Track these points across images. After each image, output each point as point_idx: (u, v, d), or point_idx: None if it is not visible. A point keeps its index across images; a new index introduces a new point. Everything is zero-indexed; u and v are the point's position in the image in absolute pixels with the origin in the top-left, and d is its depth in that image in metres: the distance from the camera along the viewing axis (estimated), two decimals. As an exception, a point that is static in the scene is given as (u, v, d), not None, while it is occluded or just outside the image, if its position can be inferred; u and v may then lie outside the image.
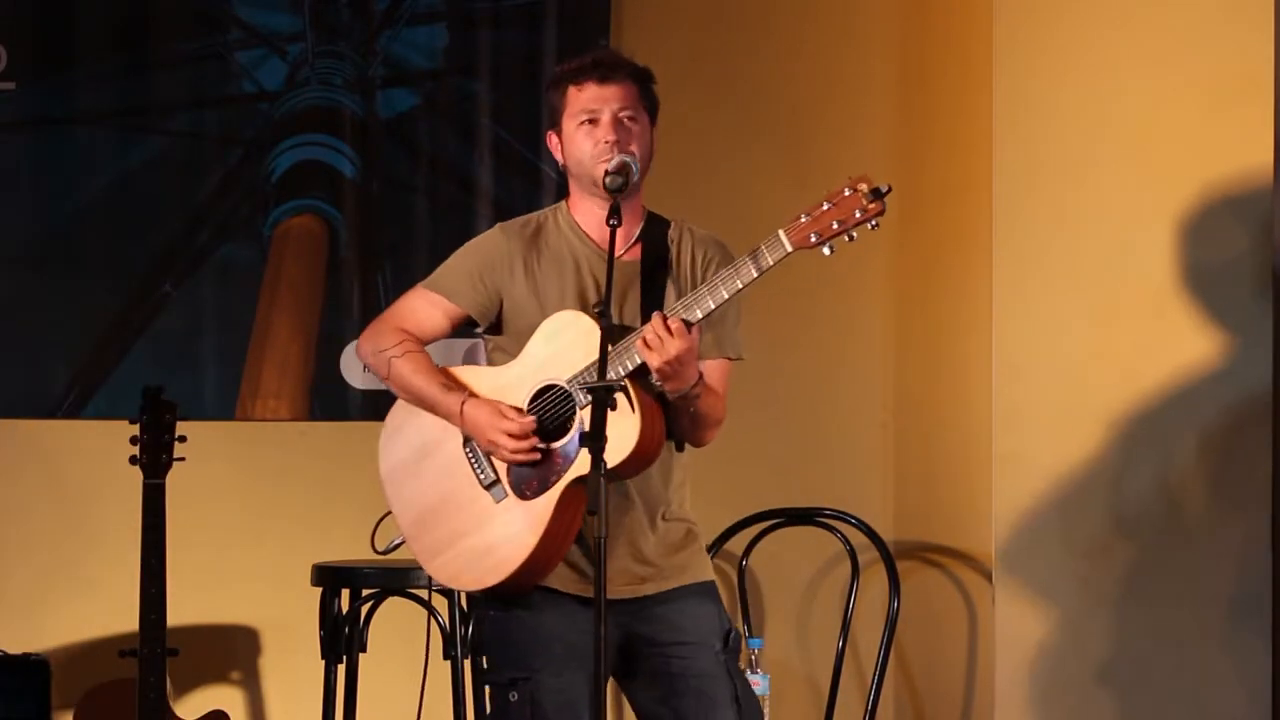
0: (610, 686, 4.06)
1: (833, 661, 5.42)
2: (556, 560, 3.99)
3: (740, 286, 3.85)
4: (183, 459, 5.31)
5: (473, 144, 5.96)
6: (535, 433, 3.96)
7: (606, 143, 4.01)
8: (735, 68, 5.92)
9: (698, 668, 4.03)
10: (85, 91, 5.94)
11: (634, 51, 5.62)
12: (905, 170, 5.81)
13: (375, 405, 5.93)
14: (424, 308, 4.17)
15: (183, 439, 5.32)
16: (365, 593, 5.39)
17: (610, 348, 3.86)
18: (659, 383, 3.90)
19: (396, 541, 4.18)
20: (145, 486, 5.27)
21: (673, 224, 4.12)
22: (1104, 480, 5.23)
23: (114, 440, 5.39)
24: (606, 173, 3.97)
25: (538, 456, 3.95)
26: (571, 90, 4.06)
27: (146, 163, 5.95)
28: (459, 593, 5.34)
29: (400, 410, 4.17)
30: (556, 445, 3.95)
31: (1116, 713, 5.21)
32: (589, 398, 3.85)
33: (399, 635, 5.58)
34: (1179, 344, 5.19)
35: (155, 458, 5.28)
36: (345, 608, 5.39)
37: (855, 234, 3.79)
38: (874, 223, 3.78)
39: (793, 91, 5.91)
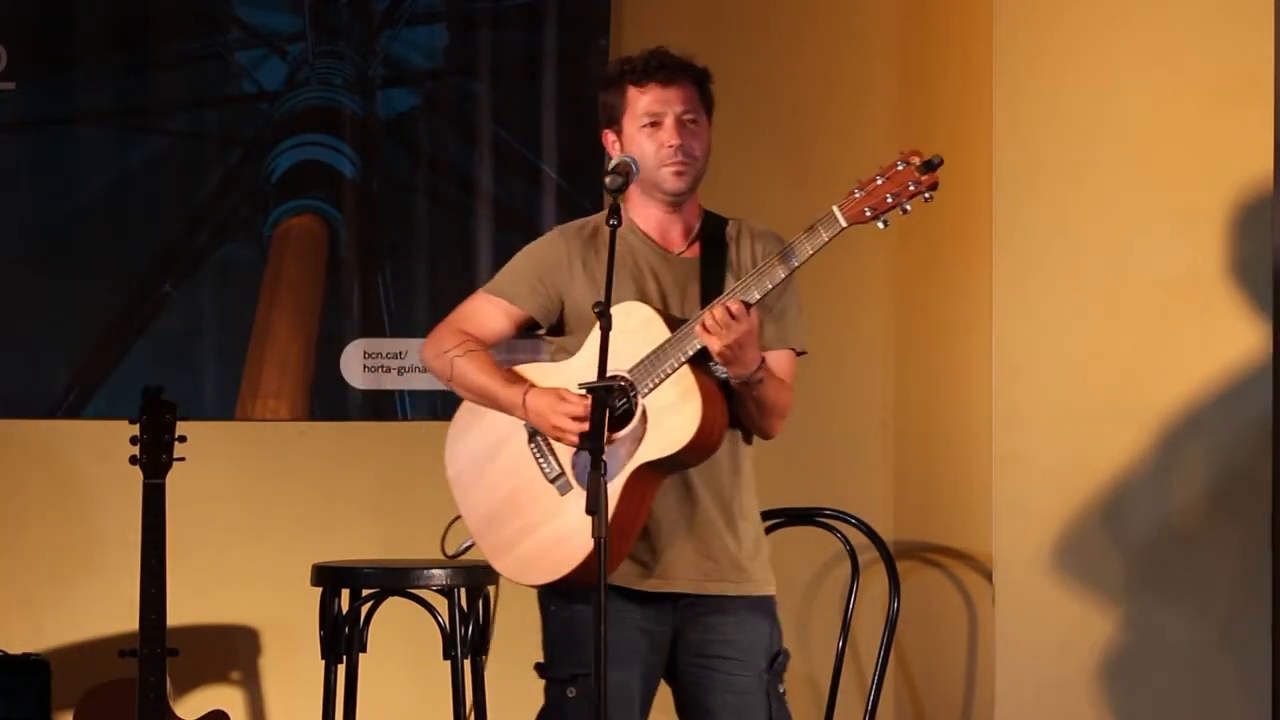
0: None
1: (833, 661, 5.42)
2: (625, 549, 3.98)
3: (796, 264, 3.87)
4: (183, 459, 5.31)
5: (473, 144, 5.96)
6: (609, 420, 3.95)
7: (670, 146, 4.05)
8: (735, 67, 5.90)
9: (740, 684, 4.05)
10: (85, 91, 5.94)
11: (633, 52, 5.64)
12: (905, 170, 5.80)
13: (375, 405, 5.94)
14: (485, 310, 4.20)
15: (183, 439, 5.32)
16: (365, 593, 5.39)
17: (676, 333, 3.91)
18: (721, 368, 3.92)
19: (467, 544, 4.23)
20: (145, 486, 5.27)
21: (731, 221, 4.16)
22: (1104, 480, 5.23)
23: (114, 440, 5.39)
24: (606, 173, 3.98)
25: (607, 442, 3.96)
26: (632, 91, 4.08)
27: (146, 163, 5.95)
28: (459, 592, 5.34)
29: (464, 413, 4.20)
30: (618, 435, 3.96)
31: (1116, 713, 5.21)
32: (654, 384, 3.91)
33: (399, 635, 5.59)
34: (1179, 344, 5.19)
35: (155, 458, 5.28)
36: (345, 608, 5.39)
37: (909, 206, 3.81)
38: (928, 195, 3.81)
39: (793, 91, 5.91)
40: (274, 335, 5.96)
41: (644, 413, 3.94)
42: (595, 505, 3.68)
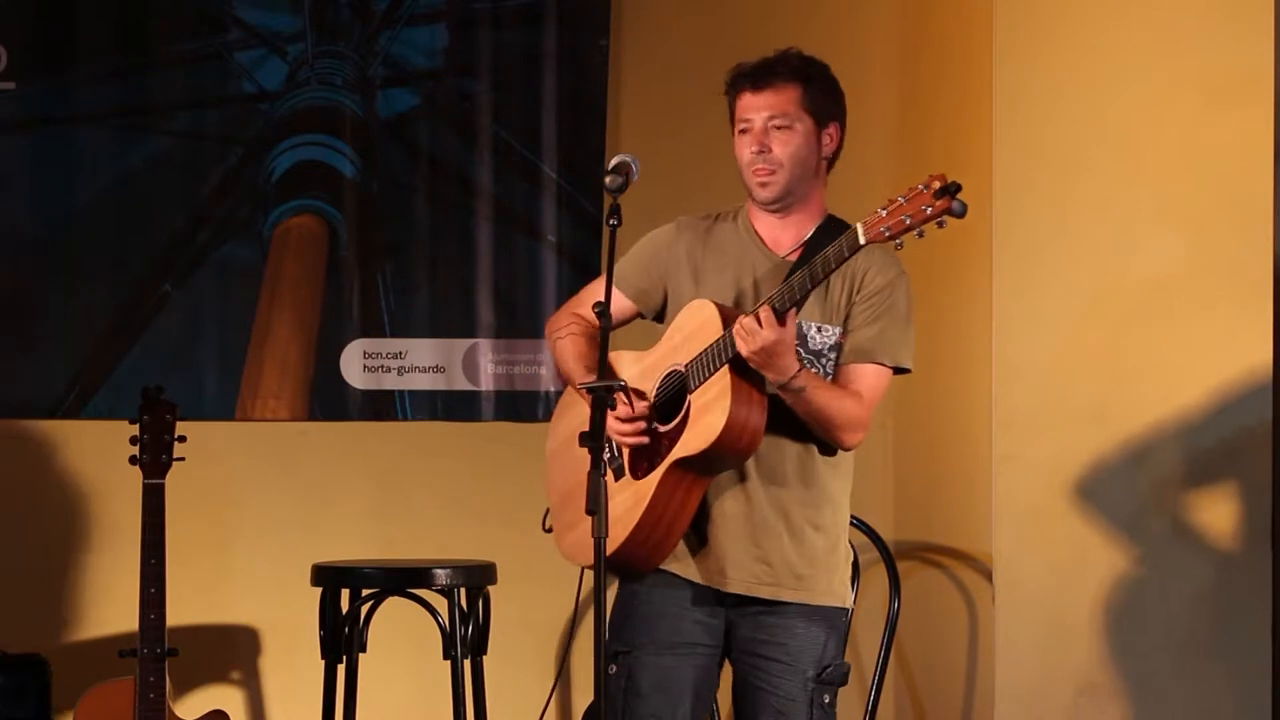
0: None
1: (833, 661, 5.42)
2: (669, 540, 4.02)
3: (821, 276, 3.87)
4: (183, 459, 5.31)
5: (473, 144, 5.96)
6: (658, 414, 4.02)
7: (753, 152, 4.08)
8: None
9: (784, 689, 4.07)
10: (85, 91, 5.94)
11: (633, 53, 5.64)
12: (905, 170, 5.81)
13: (375, 405, 5.94)
14: (598, 294, 4.19)
15: (183, 439, 5.32)
16: (365, 593, 5.39)
17: (721, 335, 3.94)
18: (761, 371, 3.93)
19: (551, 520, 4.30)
20: (145, 486, 5.27)
21: (851, 229, 4.10)
22: (1104, 480, 5.23)
23: (114, 440, 5.38)
24: (606, 172, 4.00)
25: (644, 440, 4.03)
26: (736, 98, 4.13)
27: (146, 163, 5.96)
28: (459, 592, 5.35)
29: (567, 394, 4.31)
30: (665, 427, 4.02)
31: (1116, 713, 5.21)
32: (700, 380, 3.96)
33: (399, 635, 5.59)
34: (1179, 344, 5.19)
35: (155, 458, 5.28)
36: (345, 608, 5.39)
37: (924, 231, 3.79)
38: (941, 221, 3.78)
39: (793, 91, 5.90)
40: (274, 335, 5.96)
41: (687, 409, 4.00)
42: (595, 505, 3.71)
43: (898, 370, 4.11)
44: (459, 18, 5.98)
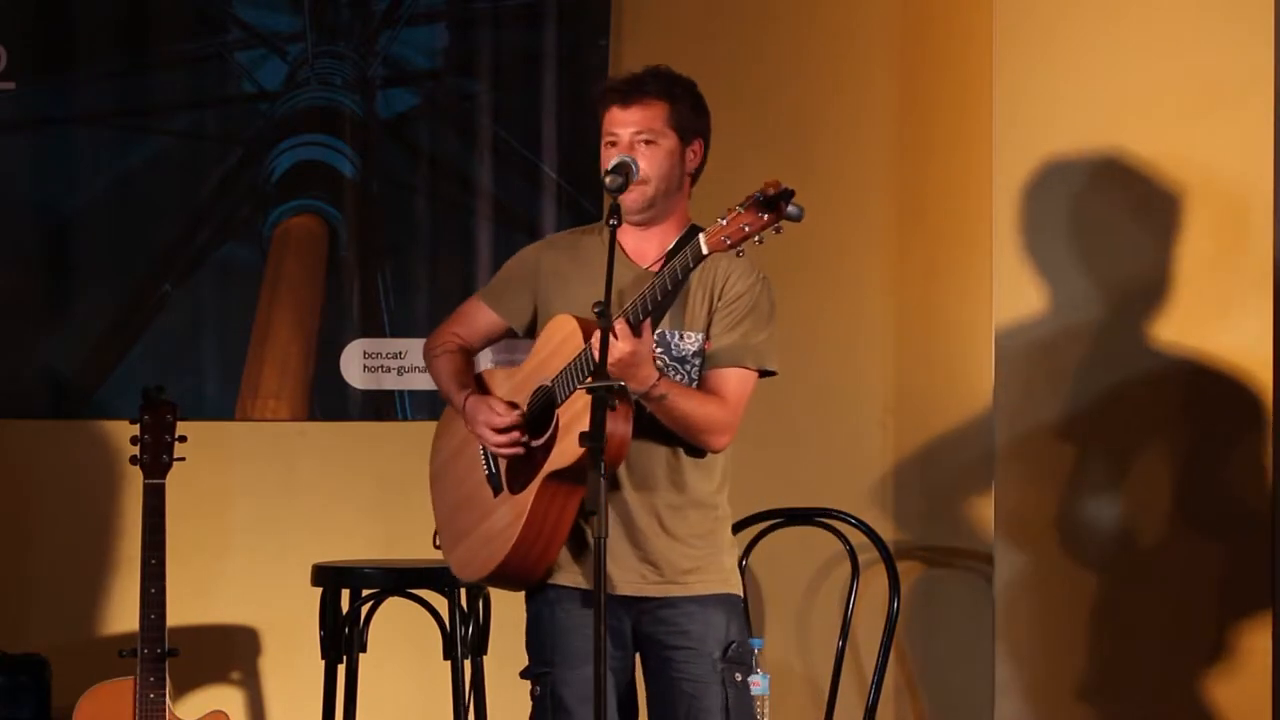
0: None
1: (833, 661, 5.42)
2: (550, 551, 4.12)
3: (670, 287, 3.93)
4: (183, 459, 5.31)
5: (473, 144, 5.96)
6: (528, 429, 4.12)
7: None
8: (736, 68, 5.91)
9: (692, 672, 4.14)
10: (85, 91, 5.94)
11: (633, 53, 5.64)
12: (905, 170, 5.81)
13: (375, 405, 5.94)
14: (471, 312, 4.41)
15: (183, 439, 5.32)
16: (365, 593, 5.39)
17: (585, 348, 4.01)
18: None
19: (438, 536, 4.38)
20: (145, 486, 5.27)
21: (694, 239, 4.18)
22: (1104, 480, 5.23)
23: (114, 440, 5.38)
24: (605, 173, 4.05)
25: (520, 451, 4.12)
26: (605, 112, 4.18)
27: (146, 163, 5.95)
28: (459, 592, 5.34)
29: (446, 414, 4.40)
30: (536, 442, 4.11)
31: (1116, 713, 5.21)
32: (564, 395, 4.04)
33: (399, 635, 5.59)
34: (1179, 344, 5.19)
35: (155, 458, 5.28)
36: (345, 608, 5.39)
37: (762, 238, 3.82)
38: (779, 227, 3.80)
39: (794, 92, 5.90)
40: (274, 335, 5.96)
41: (556, 423, 4.07)
42: (595, 504, 3.74)
43: (763, 373, 4.18)
44: (459, 18, 5.98)
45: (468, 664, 5.38)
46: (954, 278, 5.74)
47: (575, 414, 4.01)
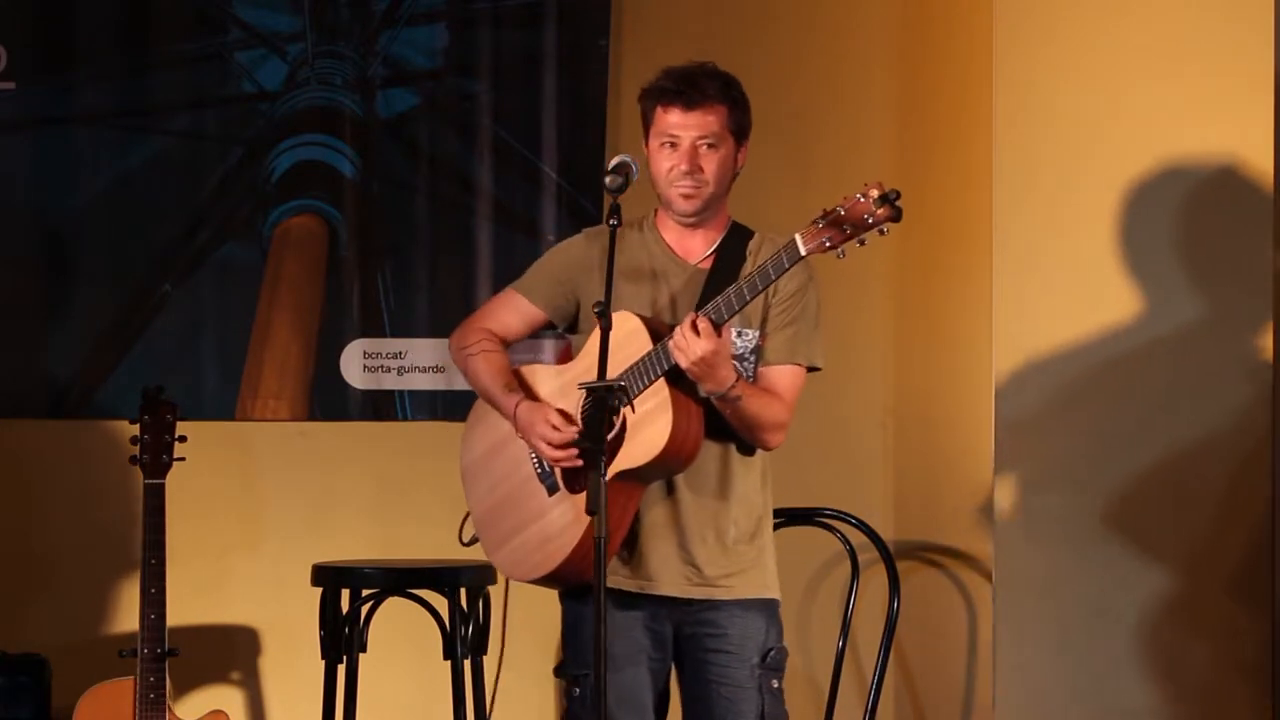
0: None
1: (833, 661, 5.42)
2: (609, 554, 4.02)
3: (760, 288, 3.94)
4: (183, 459, 5.31)
5: (473, 144, 5.96)
6: (584, 429, 4.04)
7: (680, 170, 4.13)
8: (736, 68, 5.87)
9: (731, 677, 4.14)
10: (85, 91, 5.94)
11: (633, 53, 5.64)
12: (905, 170, 5.80)
13: (375, 405, 5.94)
14: (505, 307, 4.34)
15: (183, 439, 5.31)
16: (365, 593, 5.39)
17: (655, 347, 3.99)
18: (696, 382, 3.99)
19: (478, 534, 4.32)
20: (145, 486, 5.27)
21: (756, 235, 4.23)
22: (1104, 480, 5.23)
23: (114, 440, 5.38)
24: (606, 172, 4.03)
25: (578, 464, 4.05)
26: (658, 110, 4.17)
27: (146, 163, 5.95)
28: (459, 592, 5.34)
29: (479, 407, 4.35)
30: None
31: (1116, 713, 5.21)
32: (635, 393, 3.99)
33: (399, 635, 5.59)
34: (1179, 344, 5.19)
35: (155, 458, 5.28)
36: (345, 608, 5.39)
37: (866, 239, 3.84)
38: (884, 228, 3.83)
39: (794, 92, 5.90)
40: (274, 335, 5.96)
41: (624, 423, 4.02)
42: (595, 505, 3.73)
43: (811, 369, 4.21)
44: (459, 18, 5.97)
45: (468, 664, 5.38)
46: (954, 278, 5.74)
47: (646, 413, 3.99)
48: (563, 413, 4.12)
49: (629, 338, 4.03)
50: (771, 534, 4.27)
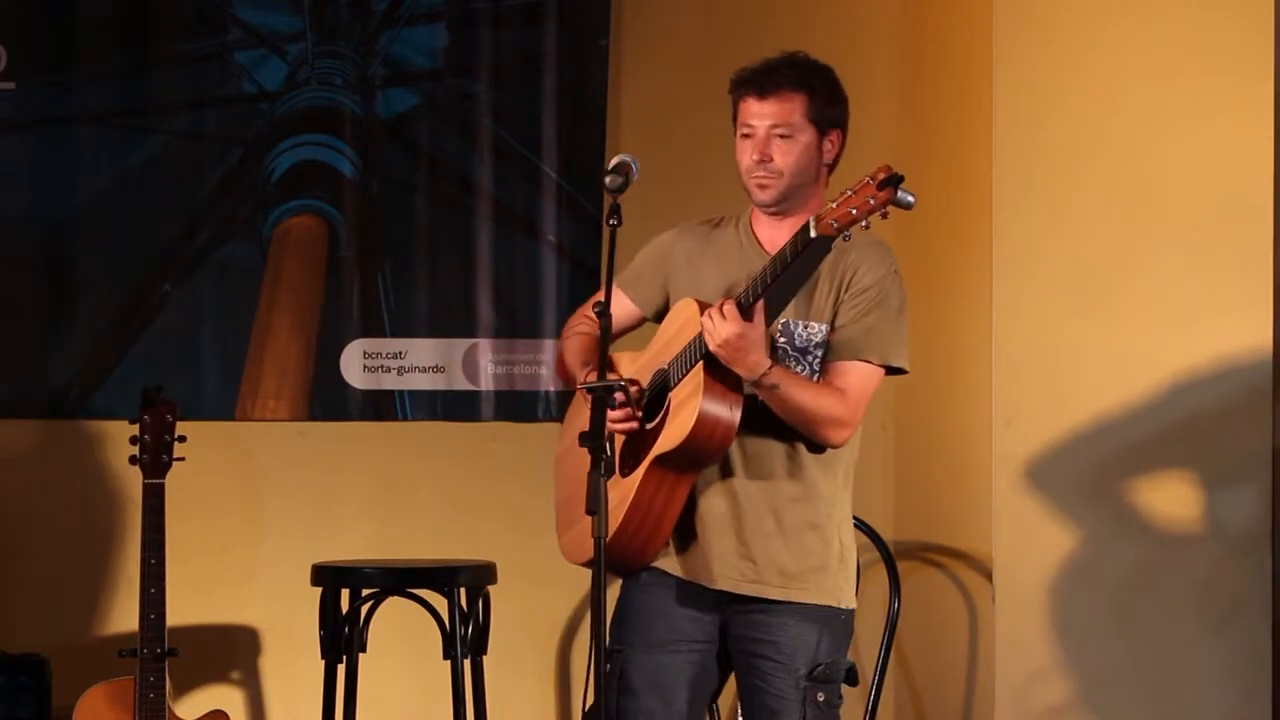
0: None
1: (833, 661, 5.42)
2: (658, 536, 4.04)
3: (779, 271, 3.89)
4: (183, 459, 5.31)
5: (473, 144, 5.96)
6: (646, 413, 4.04)
7: (754, 160, 4.08)
8: (736, 67, 5.90)
9: (775, 687, 4.06)
10: (85, 91, 5.94)
11: (633, 53, 5.64)
12: (905, 170, 5.77)
13: (375, 405, 5.94)
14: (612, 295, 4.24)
15: (183, 439, 5.31)
16: (365, 593, 5.39)
17: (699, 333, 3.95)
18: (730, 367, 3.94)
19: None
20: (145, 486, 5.27)
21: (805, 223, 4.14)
22: (1104, 480, 5.23)
23: (114, 440, 5.38)
24: (605, 172, 3.99)
25: (634, 426, 4.04)
26: (739, 100, 4.12)
27: (146, 163, 5.95)
28: (459, 592, 5.34)
29: (576, 399, 4.32)
30: (649, 425, 4.05)
31: (1116, 713, 5.21)
32: (678, 377, 3.98)
33: (399, 635, 5.59)
34: (1179, 344, 5.19)
35: (155, 458, 5.28)
36: (345, 608, 5.39)
37: (868, 223, 3.81)
38: (885, 212, 3.79)
39: (793, 91, 5.90)
40: (274, 335, 5.96)
41: (667, 406, 4.02)
42: (594, 505, 3.71)
43: (890, 370, 4.09)
44: (459, 18, 5.97)
45: (468, 664, 5.38)
46: (954, 278, 5.74)
47: (684, 398, 3.96)
48: (632, 382, 4.08)
49: (686, 323, 4.03)
50: (850, 540, 4.16)
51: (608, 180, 3.96)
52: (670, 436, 3.97)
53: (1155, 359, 5.20)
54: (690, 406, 3.92)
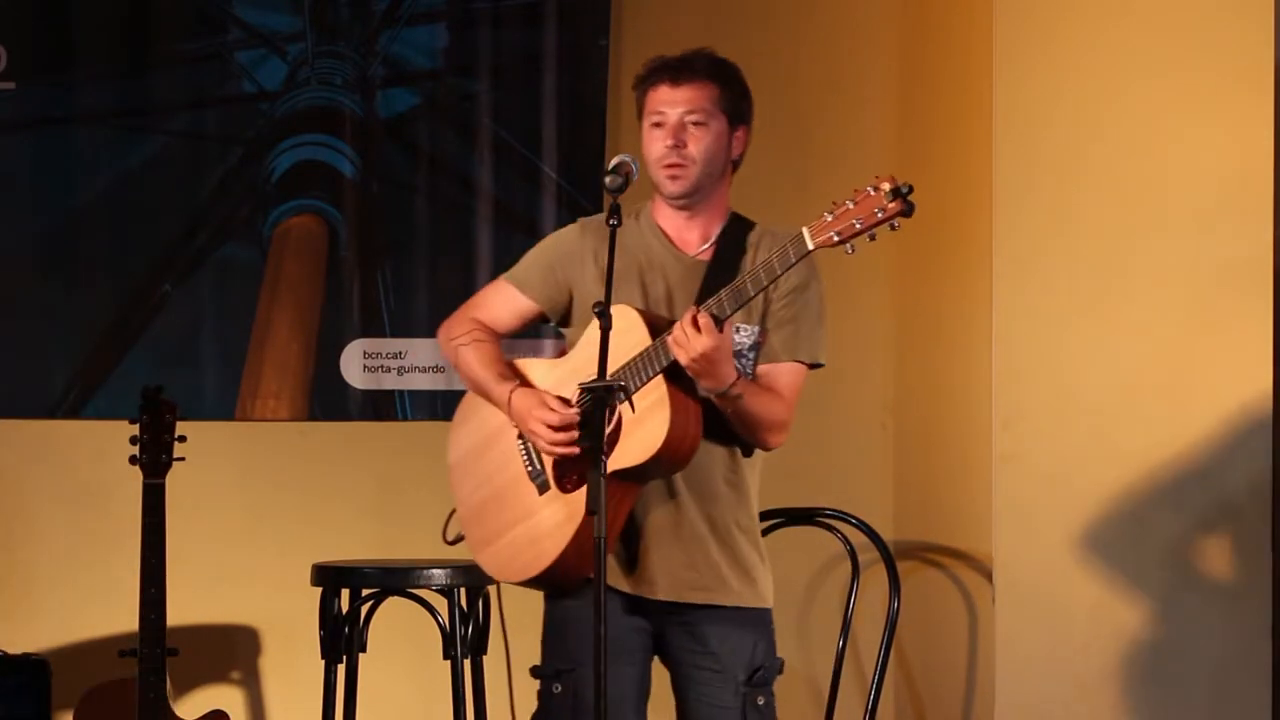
0: (656, 676, 4.15)
1: (833, 661, 5.42)
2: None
3: (765, 283, 3.84)
4: (183, 459, 5.31)
5: (473, 144, 5.96)
6: (580, 426, 3.93)
7: (666, 146, 4.03)
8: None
9: (714, 696, 4.05)
10: (85, 91, 5.94)
11: (633, 53, 5.65)
12: (905, 170, 5.75)
13: (375, 405, 5.94)
14: (497, 298, 4.24)
15: (183, 439, 5.32)
16: (365, 593, 5.39)
17: (653, 342, 3.90)
18: (696, 380, 3.90)
19: (463, 532, 4.23)
20: (145, 486, 5.27)
21: (757, 227, 4.13)
22: (1104, 480, 5.23)
23: (114, 440, 5.38)
24: (605, 172, 3.97)
25: (575, 450, 3.92)
26: (648, 90, 4.08)
27: (146, 163, 5.96)
28: (459, 592, 5.34)
29: (468, 402, 4.24)
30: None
31: (1116, 713, 5.21)
32: (632, 390, 3.89)
33: (399, 635, 5.59)
34: (1179, 344, 5.19)
35: (155, 458, 5.28)
36: (345, 608, 5.39)
37: (876, 234, 3.77)
38: (895, 223, 3.75)
39: (794, 91, 5.91)
40: (274, 335, 5.96)
41: (619, 420, 3.93)
42: (595, 505, 3.67)
43: (813, 366, 4.10)
44: (459, 18, 5.98)
45: (468, 664, 5.38)
46: (954, 278, 5.74)
47: (643, 411, 3.89)
48: (563, 399, 4.01)
49: (627, 332, 3.92)
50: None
51: (608, 180, 3.94)
52: (633, 452, 3.90)
53: (1155, 359, 5.20)
54: (657, 420, 3.86)
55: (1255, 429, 5.17)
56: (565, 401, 4.01)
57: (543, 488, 4.04)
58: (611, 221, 3.89)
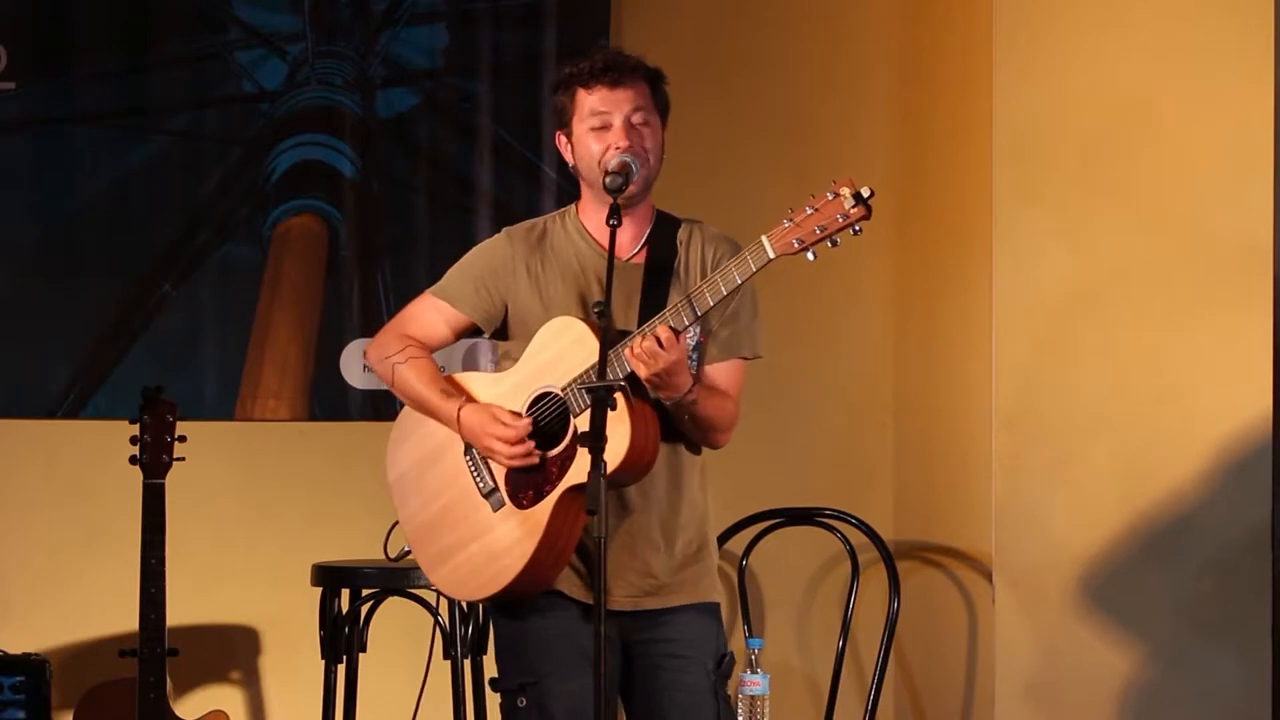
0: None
1: (833, 661, 5.42)
2: (558, 568, 3.97)
3: (725, 293, 3.80)
4: (183, 459, 5.31)
5: (473, 144, 5.96)
6: (531, 439, 3.92)
7: (618, 148, 3.98)
8: (735, 67, 5.92)
9: (686, 683, 4.02)
10: (85, 91, 5.94)
11: (633, 52, 5.64)
12: (905, 170, 5.80)
13: (375, 405, 5.94)
14: (428, 314, 4.16)
15: (183, 439, 5.32)
16: (365, 593, 5.39)
17: (609, 354, 3.84)
18: (652, 391, 3.87)
19: (407, 549, 4.18)
20: (145, 486, 5.27)
21: (683, 224, 4.09)
22: (1103, 480, 5.23)
23: (114, 440, 5.38)
24: (606, 173, 3.94)
25: (535, 460, 3.92)
26: (581, 93, 4.02)
27: (146, 163, 5.96)
28: (459, 593, 5.34)
29: (406, 418, 4.19)
30: (552, 453, 3.93)
31: (1116, 713, 5.21)
32: (583, 405, 3.84)
33: (399, 635, 5.59)
34: (1178, 344, 5.19)
35: (155, 458, 5.28)
36: (345, 608, 5.39)
37: (838, 239, 3.74)
38: (856, 228, 3.72)
39: (793, 91, 5.91)
40: (274, 335, 5.96)
41: (575, 433, 3.89)
42: (595, 505, 3.65)
43: (752, 358, 4.09)
44: (459, 18, 5.98)
45: (468, 664, 5.38)
46: (954, 278, 5.74)
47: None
48: (514, 413, 3.96)
49: (575, 344, 3.90)
50: (714, 534, 4.15)
51: (607, 181, 3.94)
52: (586, 466, 3.80)
53: (1155, 359, 5.20)
54: (618, 435, 3.80)
55: (1255, 428, 5.17)
56: (514, 414, 3.97)
57: (497, 505, 3.99)
58: (611, 222, 3.87)
